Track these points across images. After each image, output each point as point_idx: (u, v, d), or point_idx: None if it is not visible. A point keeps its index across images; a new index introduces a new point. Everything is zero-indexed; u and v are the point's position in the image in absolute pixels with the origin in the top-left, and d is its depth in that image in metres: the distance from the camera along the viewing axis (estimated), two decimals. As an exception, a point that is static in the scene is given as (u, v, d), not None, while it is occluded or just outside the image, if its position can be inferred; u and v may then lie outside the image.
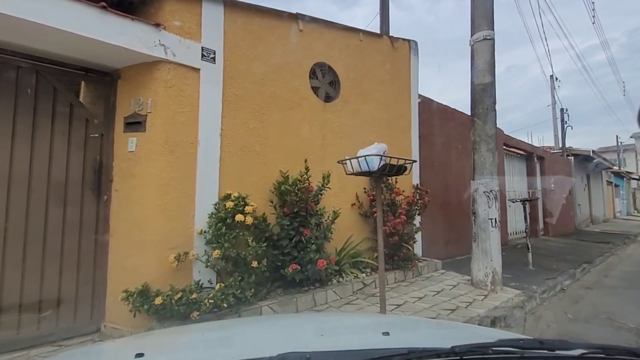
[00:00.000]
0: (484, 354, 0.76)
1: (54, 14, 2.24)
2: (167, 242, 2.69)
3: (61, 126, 2.64)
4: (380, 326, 1.31)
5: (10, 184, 2.41)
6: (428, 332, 1.34)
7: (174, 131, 2.79)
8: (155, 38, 2.70)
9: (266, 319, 2.28)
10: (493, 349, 0.77)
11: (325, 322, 1.60)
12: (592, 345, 0.80)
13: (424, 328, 1.43)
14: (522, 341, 0.87)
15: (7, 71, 2.46)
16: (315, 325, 1.41)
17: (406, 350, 0.74)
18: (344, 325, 1.51)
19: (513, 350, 0.78)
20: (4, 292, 2.36)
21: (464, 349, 0.74)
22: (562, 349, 0.79)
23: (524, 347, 0.79)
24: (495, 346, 0.78)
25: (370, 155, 2.52)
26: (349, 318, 2.11)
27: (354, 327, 1.46)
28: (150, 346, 1.17)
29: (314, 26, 4.00)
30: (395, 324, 1.50)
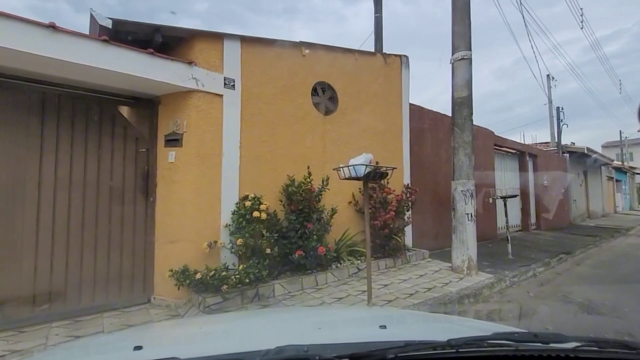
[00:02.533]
0: (480, 346, 0.76)
1: (118, 61, 2.99)
2: (202, 232, 3.46)
3: (118, 143, 3.41)
4: (377, 320, 1.35)
5: (84, 188, 3.19)
6: (425, 326, 1.38)
7: (204, 146, 3.54)
8: (189, 73, 3.45)
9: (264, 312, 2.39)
10: (488, 342, 0.78)
11: (322, 315, 1.64)
12: (586, 338, 0.82)
13: (421, 322, 1.47)
14: (517, 334, 0.88)
15: (80, 103, 3.23)
16: (312, 319, 1.44)
17: (403, 343, 0.75)
18: (341, 318, 1.54)
19: (508, 343, 0.78)
20: (82, 272, 3.16)
21: (460, 342, 0.75)
22: (556, 342, 0.80)
23: (518, 340, 0.80)
24: (491, 339, 0.79)
25: (358, 164, 3.23)
26: (346, 312, 2.16)
27: (351, 320, 1.49)
28: (149, 339, 1.19)
29: (315, 51, 4.70)
30: (393, 318, 1.53)
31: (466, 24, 4.85)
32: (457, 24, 4.85)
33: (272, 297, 3.60)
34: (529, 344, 0.79)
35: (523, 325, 3.28)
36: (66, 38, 2.76)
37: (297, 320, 1.44)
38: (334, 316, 1.63)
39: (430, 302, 3.59)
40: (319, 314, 1.82)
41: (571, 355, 0.76)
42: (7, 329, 2.77)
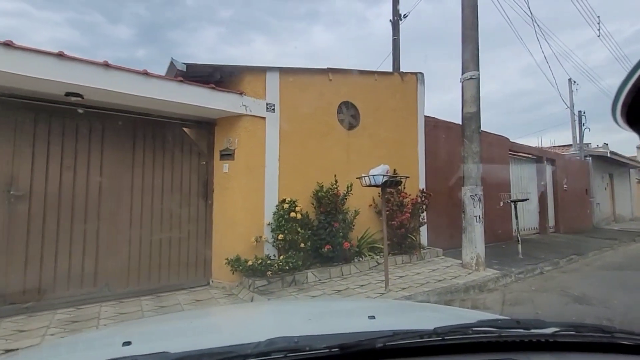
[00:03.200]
0: (465, 334, 0.79)
1: (188, 95, 3.88)
2: (249, 229, 4.29)
3: (185, 158, 4.32)
4: (366, 310, 1.37)
5: (162, 194, 4.11)
6: (413, 315, 1.40)
7: (251, 159, 4.39)
8: (240, 101, 4.31)
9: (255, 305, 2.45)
10: (473, 330, 0.81)
11: (312, 307, 1.67)
12: (565, 323, 0.85)
13: (408, 311, 1.49)
14: (500, 321, 0.91)
15: (158, 127, 4.16)
16: (303, 311, 1.46)
17: (391, 332, 0.77)
18: (331, 310, 1.56)
19: (491, 330, 0.81)
20: (161, 258, 4.07)
21: (446, 330, 0.78)
22: (536, 327, 0.83)
23: (501, 327, 0.84)
24: (475, 327, 0.83)
25: (377, 174, 3.96)
26: (336, 303, 2.21)
27: (341, 311, 1.51)
28: (138, 334, 1.17)
29: (340, 75, 5.46)
30: (381, 308, 1.56)
31: (474, 47, 5.45)
32: (467, 48, 5.46)
33: (306, 282, 4.37)
34: (511, 330, 0.82)
35: (518, 311, 3.87)
36: (155, 80, 3.68)
37: (288, 313, 1.45)
38: (324, 308, 1.66)
39: (439, 290, 4.24)
40: (309, 305, 1.86)
41: (550, 340, 0.79)
42: (111, 299, 3.70)
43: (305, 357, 0.70)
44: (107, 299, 3.67)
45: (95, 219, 3.68)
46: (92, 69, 3.34)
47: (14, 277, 3.26)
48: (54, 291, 3.43)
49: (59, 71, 3.18)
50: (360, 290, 4.17)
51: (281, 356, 0.69)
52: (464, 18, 5.54)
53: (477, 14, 5.51)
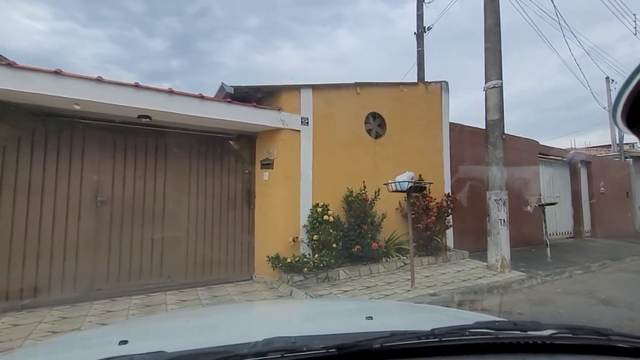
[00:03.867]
0: (462, 335, 0.79)
1: (235, 113, 4.48)
2: (287, 231, 4.81)
3: (232, 167, 4.94)
4: (364, 311, 1.36)
5: (214, 199, 4.74)
6: (410, 316, 1.40)
7: (288, 168, 4.92)
8: (278, 117, 4.86)
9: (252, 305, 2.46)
10: (470, 331, 0.81)
11: (310, 307, 1.67)
12: (561, 325, 0.86)
13: (406, 312, 1.49)
14: (497, 323, 0.92)
15: (208, 141, 4.80)
16: (300, 311, 1.45)
17: (388, 333, 0.77)
18: (329, 310, 1.56)
19: (488, 331, 0.82)
20: (212, 255, 4.69)
21: (443, 331, 0.78)
22: (533, 329, 0.83)
23: (498, 329, 0.84)
24: (472, 328, 0.83)
25: (402, 181, 4.34)
26: (333, 303, 2.20)
27: (339, 312, 1.50)
28: (135, 333, 1.18)
29: (367, 88, 5.89)
30: (379, 309, 1.55)
31: (497, 57, 5.67)
32: (489, 58, 5.70)
33: (338, 279, 4.82)
34: (508, 332, 0.83)
35: (539, 311, 4.08)
36: (208, 102, 4.31)
37: (285, 313, 1.45)
38: (322, 308, 1.66)
39: (463, 289, 4.52)
40: (307, 305, 1.88)
41: (547, 342, 0.79)
42: (173, 289, 4.34)
43: (302, 357, 0.70)
44: (170, 289, 4.32)
45: (160, 220, 4.36)
46: (159, 95, 4.02)
47: (100, 267, 3.98)
48: (130, 280, 4.13)
49: (134, 98, 3.87)
50: (388, 287, 4.55)
51: (278, 356, 0.69)
52: (486, 28, 5.78)
53: (499, 23, 5.74)
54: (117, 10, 29.39)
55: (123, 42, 31.05)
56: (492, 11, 5.73)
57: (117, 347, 0.88)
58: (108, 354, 0.73)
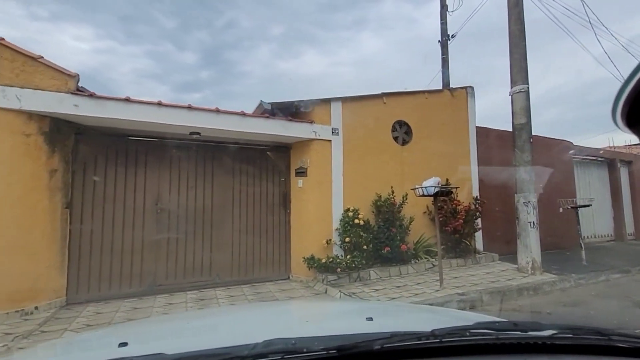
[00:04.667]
0: (462, 336, 0.79)
1: (272, 127, 4.96)
2: (320, 234, 5.20)
3: (269, 175, 5.42)
4: (364, 312, 1.35)
5: (254, 205, 5.24)
6: (410, 317, 1.40)
7: (320, 176, 5.32)
8: (311, 129, 5.28)
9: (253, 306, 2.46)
10: (470, 332, 0.81)
11: (310, 308, 1.68)
12: (562, 326, 0.87)
13: (406, 313, 1.48)
14: (497, 324, 0.93)
15: (248, 152, 5.31)
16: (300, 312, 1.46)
17: (389, 334, 0.77)
18: (329, 311, 1.56)
19: (489, 332, 0.82)
20: (253, 256, 5.17)
21: (444, 332, 0.78)
22: (534, 330, 0.83)
23: (499, 329, 0.84)
24: (473, 329, 0.84)
25: (429, 186, 4.59)
26: (333, 305, 2.20)
27: (339, 313, 1.50)
28: (134, 335, 1.18)
29: (393, 97, 6.18)
30: (379, 310, 1.55)
31: (522, 62, 5.77)
32: (514, 63, 5.81)
33: (369, 279, 5.12)
34: (508, 333, 0.83)
35: (569, 312, 4.15)
36: (249, 118, 4.82)
37: (286, 314, 1.45)
38: (322, 309, 1.66)
39: (491, 289, 4.66)
40: (307, 306, 1.87)
41: (547, 342, 0.80)
42: (221, 286, 4.85)
43: (302, 358, 0.70)
44: (218, 286, 4.84)
45: (209, 224, 4.91)
46: (208, 114, 4.57)
47: (160, 266, 4.57)
48: (185, 277, 4.69)
49: (187, 118, 4.44)
50: (417, 287, 4.79)
51: (278, 358, 0.69)
52: (510, 34, 5.90)
53: (524, 29, 5.83)
54: (152, 27, 32.13)
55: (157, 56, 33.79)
56: (516, 17, 5.84)
57: (116, 349, 0.88)
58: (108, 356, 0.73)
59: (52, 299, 3.89)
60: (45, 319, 3.55)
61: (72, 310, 3.89)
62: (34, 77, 3.75)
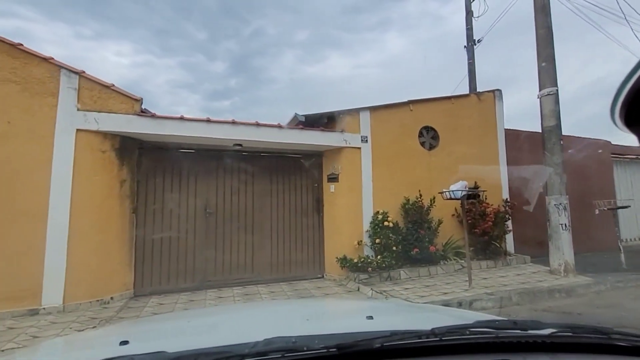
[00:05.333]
0: (462, 334, 0.80)
1: (305, 137, 5.39)
2: (351, 235, 5.55)
3: (303, 181, 5.86)
4: (364, 310, 1.38)
5: (290, 209, 5.70)
6: (410, 316, 1.41)
7: (351, 181, 5.68)
8: (341, 137, 5.67)
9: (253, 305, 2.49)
10: (470, 330, 0.82)
11: (310, 307, 1.69)
12: (562, 324, 0.87)
13: (406, 312, 1.50)
14: (497, 322, 0.92)
15: (284, 160, 5.79)
16: (301, 311, 1.47)
17: (389, 332, 0.77)
18: (329, 310, 1.58)
19: (489, 330, 0.82)
20: (290, 255, 5.62)
21: (443, 331, 0.79)
22: (533, 328, 0.83)
23: (499, 328, 0.85)
24: (473, 327, 0.84)
25: (456, 190, 4.80)
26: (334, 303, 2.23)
27: (339, 312, 1.52)
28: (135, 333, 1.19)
29: (420, 104, 6.42)
30: (379, 308, 1.57)
31: (551, 65, 5.80)
32: (542, 66, 5.85)
33: (399, 279, 5.40)
34: (508, 331, 0.84)
35: (601, 313, 4.19)
36: (285, 130, 5.29)
37: (285, 313, 1.46)
38: (322, 308, 1.67)
39: (521, 290, 4.77)
40: (307, 305, 1.88)
41: (547, 341, 0.81)
42: (261, 283, 5.33)
43: (302, 357, 0.71)
44: (259, 283, 5.33)
45: (250, 226, 5.42)
46: (249, 128, 5.09)
47: (209, 263, 5.14)
48: (230, 274, 5.23)
49: (231, 131, 4.98)
50: (446, 286, 5.00)
51: (278, 356, 0.70)
52: (538, 38, 5.95)
53: (551, 33, 5.87)
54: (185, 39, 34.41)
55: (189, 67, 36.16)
56: (542, 21, 5.90)
57: (117, 347, 0.89)
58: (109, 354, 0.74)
59: (123, 291, 4.55)
60: (120, 308, 4.19)
61: (140, 301, 4.52)
62: (108, 102, 4.44)
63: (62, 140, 4.15)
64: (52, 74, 4.20)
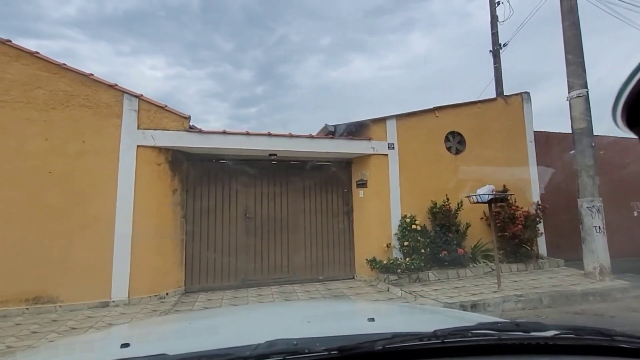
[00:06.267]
0: (464, 336, 0.80)
1: (335, 145, 5.75)
2: (381, 238, 5.82)
3: (334, 187, 6.22)
4: (366, 312, 1.41)
5: (321, 213, 6.07)
6: (412, 318, 1.42)
7: (379, 186, 5.96)
8: (369, 145, 5.97)
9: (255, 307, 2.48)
10: (472, 332, 0.81)
11: (312, 309, 1.69)
12: (564, 326, 0.86)
13: (408, 314, 1.50)
14: (499, 324, 0.93)
15: (315, 167, 6.17)
16: (302, 313, 1.48)
17: (390, 334, 0.77)
18: (331, 312, 1.57)
19: (491, 332, 0.82)
20: (323, 257, 5.98)
21: (445, 333, 0.78)
22: (536, 330, 0.83)
23: (501, 330, 0.84)
24: (475, 329, 0.83)
25: (482, 194, 4.94)
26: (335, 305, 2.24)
27: (341, 313, 1.52)
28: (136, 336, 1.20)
29: (445, 110, 6.59)
30: (381, 310, 1.58)
31: (580, 67, 5.79)
32: (571, 69, 5.84)
33: (428, 280, 5.58)
34: (510, 333, 0.83)
35: (635, 317, 4.16)
36: (316, 139, 5.69)
37: (287, 315, 1.46)
38: (324, 309, 1.67)
39: (552, 293, 4.81)
40: (309, 307, 1.87)
41: (550, 343, 0.80)
42: (297, 283, 5.72)
43: (304, 359, 0.71)
44: (295, 283, 5.72)
45: (285, 230, 5.85)
46: (283, 139, 5.53)
47: (249, 264, 5.61)
48: (268, 274, 5.67)
49: (267, 142, 5.45)
50: (475, 288, 5.13)
51: (280, 358, 0.70)
52: (566, 40, 5.95)
53: (580, 34, 5.85)
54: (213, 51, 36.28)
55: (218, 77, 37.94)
56: (570, 23, 5.89)
57: (118, 350, 0.89)
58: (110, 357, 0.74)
59: (176, 288, 5.11)
60: (174, 302, 4.74)
61: (190, 297, 5.06)
62: (162, 120, 5.05)
63: (125, 155, 4.79)
64: (116, 98, 4.87)
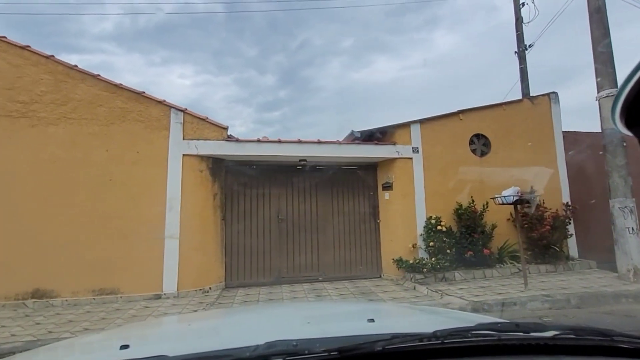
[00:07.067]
0: (464, 337, 0.80)
1: (361, 150, 6.05)
2: (407, 239, 6.04)
3: (360, 190, 6.51)
4: (365, 313, 1.39)
5: (349, 215, 6.38)
6: (412, 318, 1.43)
7: (404, 189, 6.19)
8: (394, 149, 6.22)
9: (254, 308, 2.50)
10: (472, 333, 0.81)
11: (312, 310, 1.70)
12: (564, 326, 0.87)
13: (408, 314, 1.51)
14: (499, 324, 0.92)
15: (342, 171, 6.49)
16: (302, 314, 1.49)
17: (390, 335, 0.77)
18: (331, 313, 1.59)
19: (491, 333, 0.82)
20: (352, 257, 6.28)
21: (445, 333, 0.78)
22: (536, 330, 0.84)
23: (501, 330, 0.85)
24: (475, 330, 0.83)
25: (508, 195, 5.06)
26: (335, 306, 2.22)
27: (340, 314, 1.54)
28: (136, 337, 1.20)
29: (469, 113, 6.71)
30: (381, 311, 1.59)
31: (609, 67, 5.73)
32: (600, 68, 5.80)
33: (453, 280, 5.74)
34: (510, 334, 0.84)
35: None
36: (343, 145, 6.02)
37: (287, 316, 1.46)
38: (323, 310, 1.67)
39: (581, 294, 4.84)
40: (308, 308, 1.88)
41: (550, 343, 0.80)
42: (326, 281, 6.07)
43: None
44: (325, 280, 6.07)
45: (315, 231, 6.22)
46: (312, 145, 5.91)
47: (282, 263, 6.02)
48: (300, 272, 6.05)
49: (298, 149, 5.84)
50: (502, 288, 5.24)
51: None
52: (593, 40, 5.91)
53: (609, 33, 5.80)
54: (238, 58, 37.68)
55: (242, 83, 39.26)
56: (598, 22, 5.85)
57: (118, 351, 0.89)
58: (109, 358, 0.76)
59: (217, 283, 5.61)
60: (217, 296, 5.22)
61: (230, 292, 5.53)
62: (204, 131, 5.58)
63: (173, 163, 5.35)
64: (164, 112, 5.45)
